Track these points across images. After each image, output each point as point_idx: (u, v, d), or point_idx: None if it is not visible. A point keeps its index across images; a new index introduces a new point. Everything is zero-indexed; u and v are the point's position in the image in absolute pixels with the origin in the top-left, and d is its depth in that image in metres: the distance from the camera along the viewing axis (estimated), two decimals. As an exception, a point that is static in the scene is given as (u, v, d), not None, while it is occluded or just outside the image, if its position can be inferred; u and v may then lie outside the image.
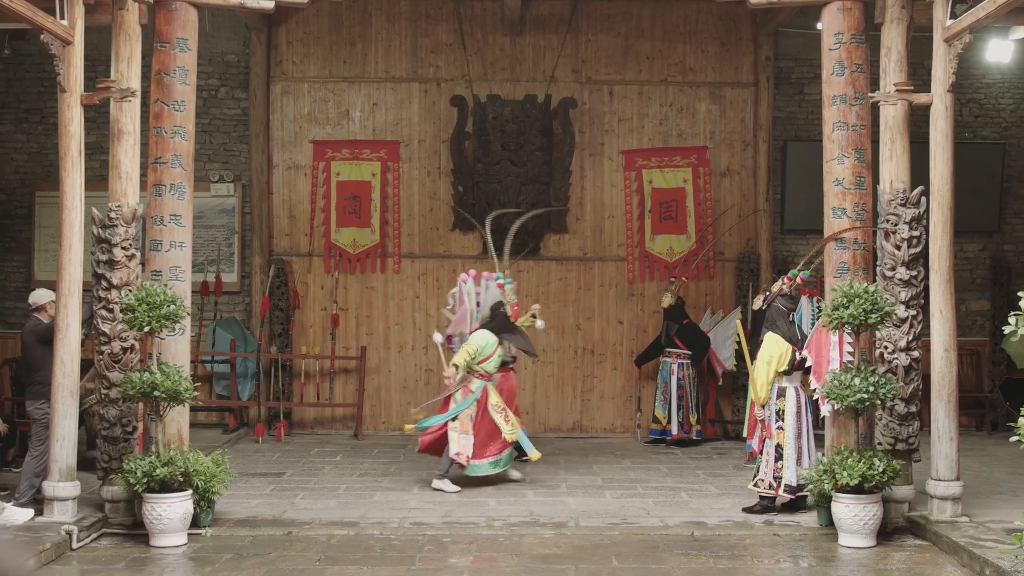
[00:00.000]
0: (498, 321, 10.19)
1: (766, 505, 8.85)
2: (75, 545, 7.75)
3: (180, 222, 8.55)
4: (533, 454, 10.06)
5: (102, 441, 8.44)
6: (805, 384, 8.84)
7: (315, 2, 9.32)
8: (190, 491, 7.98)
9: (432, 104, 13.44)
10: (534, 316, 11.06)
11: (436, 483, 9.70)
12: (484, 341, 9.95)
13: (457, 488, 9.65)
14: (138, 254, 8.45)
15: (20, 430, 10.31)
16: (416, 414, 10.54)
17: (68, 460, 8.13)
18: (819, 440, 8.95)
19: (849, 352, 8.20)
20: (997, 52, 12.91)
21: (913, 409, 8.43)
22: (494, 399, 9.98)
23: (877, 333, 8.36)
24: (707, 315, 13.10)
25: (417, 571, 7.33)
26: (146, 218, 8.52)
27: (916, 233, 8.40)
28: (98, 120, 11.41)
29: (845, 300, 7.88)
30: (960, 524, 8.09)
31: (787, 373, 8.77)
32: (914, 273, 8.41)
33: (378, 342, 13.37)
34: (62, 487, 8.07)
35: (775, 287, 9.11)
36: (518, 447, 10.30)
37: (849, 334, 8.14)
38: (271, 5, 8.93)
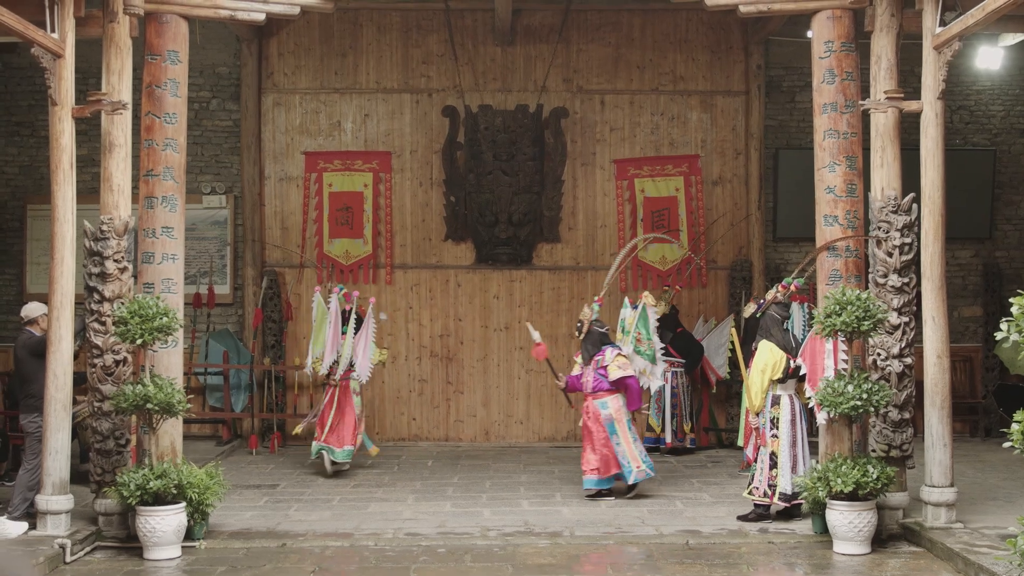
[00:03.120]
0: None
1: (761, 513, 8.85)
2: (68, 559, 7.71)
3: (172, 234, 8.54)
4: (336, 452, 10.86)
5: (95, 454, 8.42)
6: (800, 392, 8.85)
7: (306, 14, 9.31)
8: (184, 504, 7.95)
9: (424, 115, 13.44)
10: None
11: None
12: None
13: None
14: (130, 266, 8.44)
15: (13, 443, 10.28)
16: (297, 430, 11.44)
17: (61, 473, 8.11)
18: (813, 448, 8.95)
19: (843, 359, 8.21)
20: (987, 59, 12.96)
21: (907, 416, 8.44)
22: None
23: (870, 340, 8.38)
24: (700, 323, 13.10)
25: (412, 582, 7.33)
26: (138, 230, 8.51)
27: (908, 240, 8.42)
28: (89, 133, 11.41)
29: (838, 307, 7.89)
30: (955, 530, 8.10)
31: (781, 381, 8.78)
32: (906, 280, 8.43)
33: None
34: (55, 500, 8.05)
35: (769, 295, 9.13)
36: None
37: (843, 341, 8.15)
38: (262, 17, 8.95)
